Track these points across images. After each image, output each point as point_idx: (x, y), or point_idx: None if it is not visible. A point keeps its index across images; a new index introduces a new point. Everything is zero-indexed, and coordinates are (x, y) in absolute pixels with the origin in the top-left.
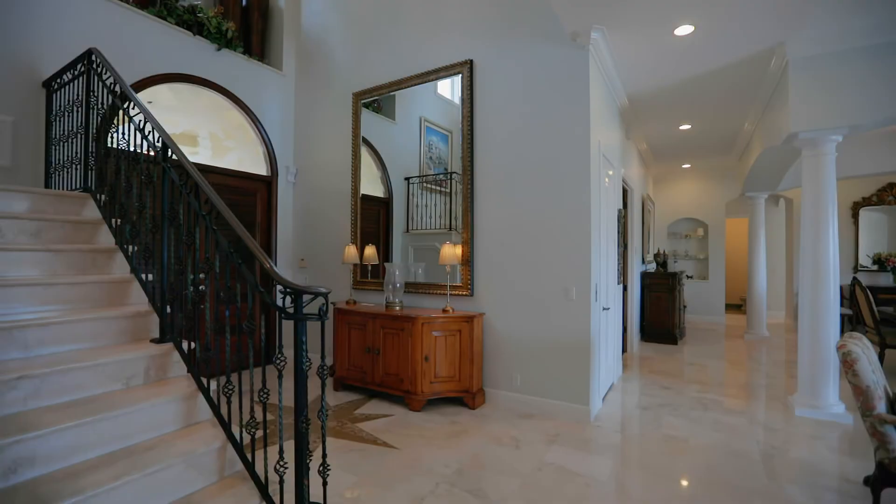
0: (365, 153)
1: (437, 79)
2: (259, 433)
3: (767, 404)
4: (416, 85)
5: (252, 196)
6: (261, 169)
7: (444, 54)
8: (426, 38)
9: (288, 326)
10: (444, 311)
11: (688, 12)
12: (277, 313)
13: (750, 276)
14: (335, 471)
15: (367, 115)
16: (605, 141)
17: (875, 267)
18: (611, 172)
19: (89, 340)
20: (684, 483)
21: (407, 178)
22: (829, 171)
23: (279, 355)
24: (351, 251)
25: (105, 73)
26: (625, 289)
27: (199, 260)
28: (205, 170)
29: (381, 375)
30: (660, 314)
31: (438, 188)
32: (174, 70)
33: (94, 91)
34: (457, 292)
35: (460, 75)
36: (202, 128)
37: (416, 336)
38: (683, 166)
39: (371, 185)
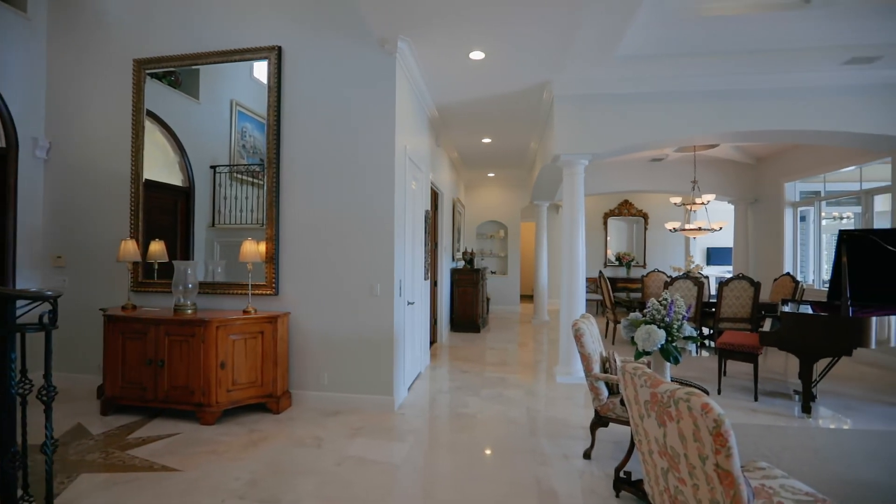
0: (157, 133)
1: (242, 60)
2: None
3: (538, 376)
4: (217, 63)
5: None
6: None
7: (251, 35)
8: (231, 12)
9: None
10: (246, 311)
11: (478, 41)
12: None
13: (535, 272)
14: None
15: (159, 89)
16: (412, 146)
17: (617, 263)
18: (419, 176)
19: None
20: (467, 452)
21: (213, 167)
22: (580, 186)
23: None
24: (129, 247)
25: None
26: (435, 284)
27: None
28: None
29: (166, 390)
30: (466, 306)
31: (252, 179)
32: None
33: None
34: (260, 291)
35: (267, 61)
36: None
37: (211, 341)
38: (489, 175)
39: (165, 171)
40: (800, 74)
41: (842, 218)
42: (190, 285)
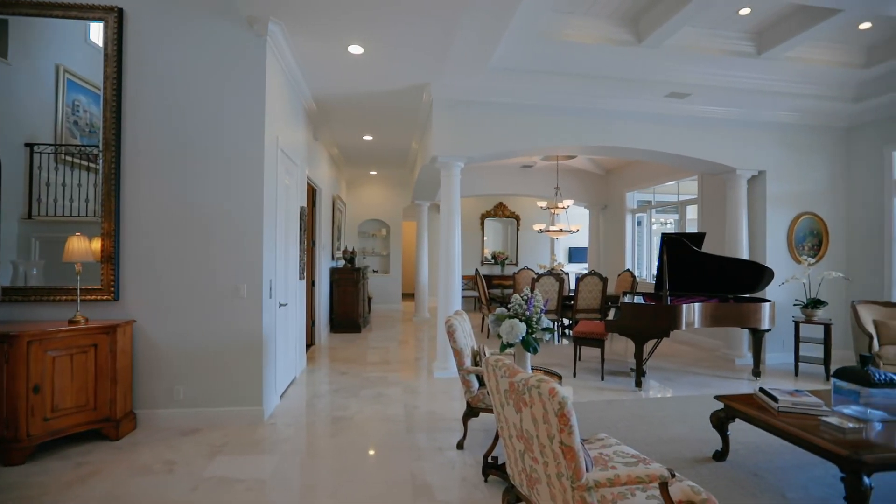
0: None
1: (66, 17)
2: None
3: (418, 373)
4: (31, 15)
5: None
6: None
7: None
8: None
9: None
10: (73, 321)
11: (356, 34)
12: None
13: (416, 270)
14: None
15: None
16: (286, 138)
17: (493, 261)
18: (293, 170)
19: None
20: (343, 456)
21: (30, 145)
22: (456, 187)
23: None
24: None
25: None
26: (312, 284)
27: None
28: None
29: None
30: (346, 306)
31: (88, 164)
32: None
33: None
34: (94, 297)
35: (104, 23)
36: None
37: (19, 360)
38: (371, 172)
39: None
40: (633, 101)
41: (666, 223)
42: None
